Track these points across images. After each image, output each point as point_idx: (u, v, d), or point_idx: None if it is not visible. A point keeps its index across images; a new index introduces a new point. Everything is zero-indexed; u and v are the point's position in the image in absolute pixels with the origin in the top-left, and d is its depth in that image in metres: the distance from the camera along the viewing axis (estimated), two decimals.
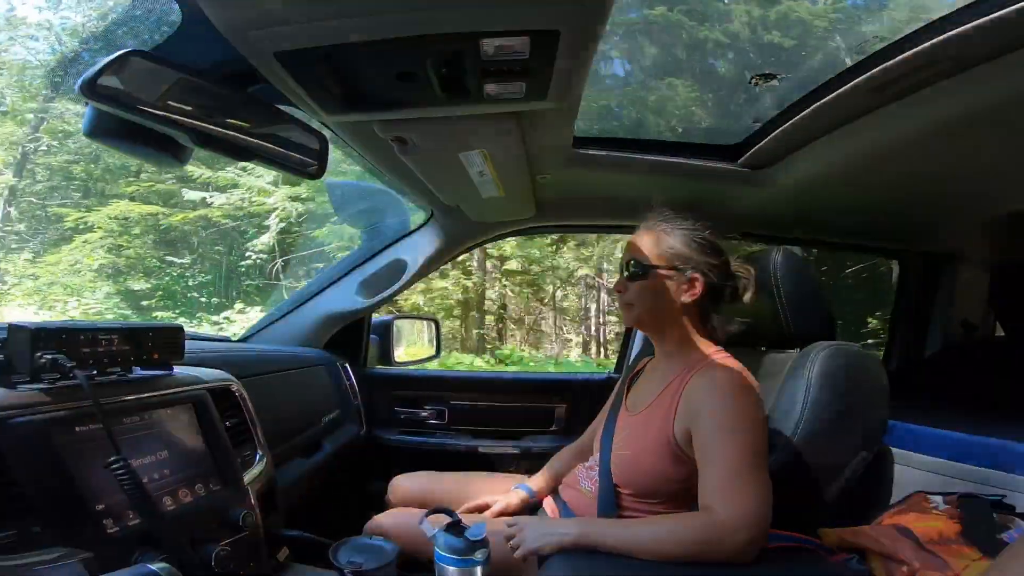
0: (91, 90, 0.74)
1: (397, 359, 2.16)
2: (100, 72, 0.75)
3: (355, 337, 2.07)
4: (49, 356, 0.68)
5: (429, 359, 2.31)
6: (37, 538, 0.63)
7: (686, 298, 1.17)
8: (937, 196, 1.63)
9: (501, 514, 1.32)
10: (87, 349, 0.75)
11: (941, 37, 0.90)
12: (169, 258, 9.82)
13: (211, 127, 0.88)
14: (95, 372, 0.79)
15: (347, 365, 1.99)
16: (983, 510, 1.08)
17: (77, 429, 0.70)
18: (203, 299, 9.89)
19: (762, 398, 1.09)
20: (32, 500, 0.64)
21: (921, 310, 2.25)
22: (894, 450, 1.44)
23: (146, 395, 0.84)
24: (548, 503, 1.35)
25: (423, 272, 1.94)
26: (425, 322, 2.41)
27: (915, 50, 0.94)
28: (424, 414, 2.07)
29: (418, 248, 1.90)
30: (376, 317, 2.15)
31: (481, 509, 1.34)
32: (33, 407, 0.68)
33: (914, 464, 1.48)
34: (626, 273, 1.21)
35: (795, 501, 1.13)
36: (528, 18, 0.78)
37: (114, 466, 0.67)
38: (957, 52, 0.92)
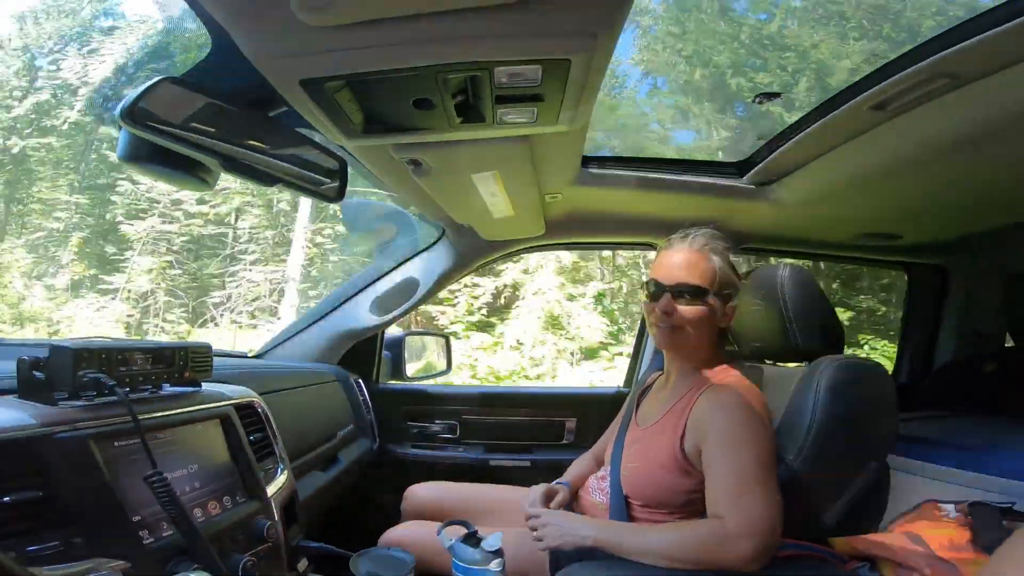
0: (130, 116, 0.77)
1: (409, 374, 2.19)
2: (138, 99, 0.78)
3: (368, 353, 2.10)
4: (91, 375, 0.72)
5: (440, 374, 2.34)
6: (78, 549, 0.66)
7: (723, 324, 1.19)
8: (941, 209, 1.64)
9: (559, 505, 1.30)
10: (124, 368, 0.79)
11: (939, 54, 0.92)
12: None
13: (238, 152, 0.92)
14: (128, 390, 0.82)
15: (360, 380, 2.02)
16: (993, 517, 1.09)
17: (116, 444, 0.74)
18: None
19: (770, 412, 1.11)
20: (74, 512, 0.67)
21: (930, 321, 2.26)
22: (905, 459, 1.45)
23: (177, 411, 0.87)
24: None
25: (435, 290, 1.97)
26: (436, 338, 2.44)
27: (913, 67, 0.96)
28: (435, 428, 2.09)
29: (430, 266, 1.94)
30: (388, 333, 2.18)
31: (551, 495, 1.32)
32: (74, 423, 0.71)
33: (925, 473, 1.49)
34: (675, 298, 1.16)
35: (805, 511, 1.14)
36: (541, 48, 0.81)
37: (152, 480, 0.70)
38: (956, 69, 0.94)
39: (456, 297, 10.34)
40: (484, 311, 10.58)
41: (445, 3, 0.72)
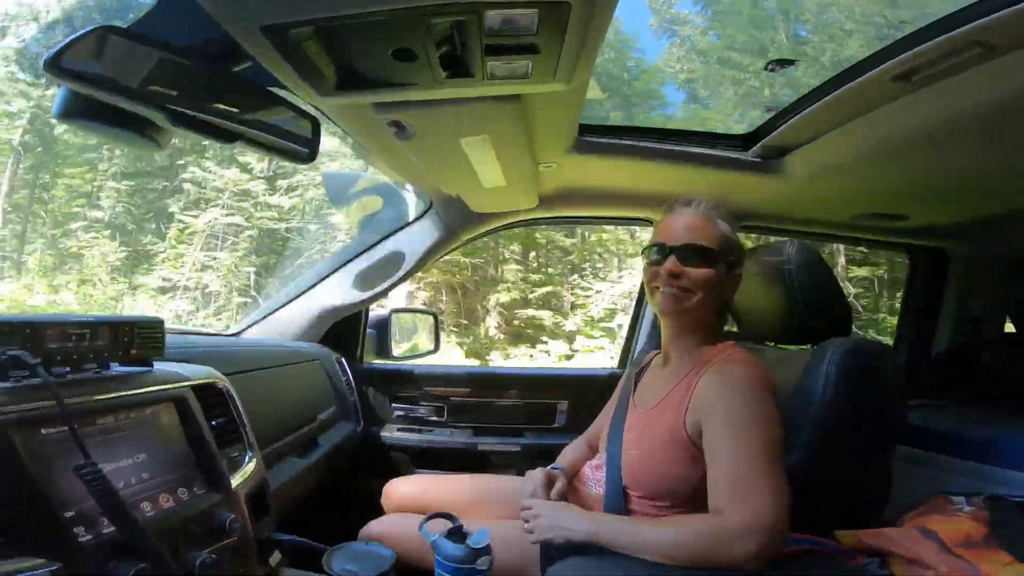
0: (56, 68, 0.69)
1: (395, 354, 2.10)
2: (65, 49, 0.70)
3: (352, 331, 2.02)
4: (11, 353, 0.62)
5: (428, 353, 2.26)
6: (2, 548, 0.58)
7: (728, 294, 1.15)
8: (950, 192, 1.58)
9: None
10: (55, 344, 0.70)
11: (974, 23, 0.85)
12: None
13: (191, 108, 0.82)
14: (67, 369, 0.73)
15: (343, 360, 1.93)
16: (1012, 512, 1.04)
17: (43, 431, 0.65)
18: None
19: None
20: None
21: (930, 306, 2.21)
22: (909, 448, 1.40)
23: (123, 394, 0.78)
24: None
25: (421, 264, 1.88)
26: (424, 316, 2.36)
27: (944, 36, 0.89)
28: (423, 410, 2.02)
29: (416, 240, 1.85)
30: (373, 311, 2.09)
31: (551, 482, 1.24)
32: None
33: (930, 464, 1.45)
34: (681, 258, 1.10)
35: (811, 502, 1.08)
36: None
37: (83, 471, 0.61)
38: (987, 38, 0.87)
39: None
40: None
41: None
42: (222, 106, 0.87)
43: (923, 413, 1.66)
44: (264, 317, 1.87)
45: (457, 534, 1.02)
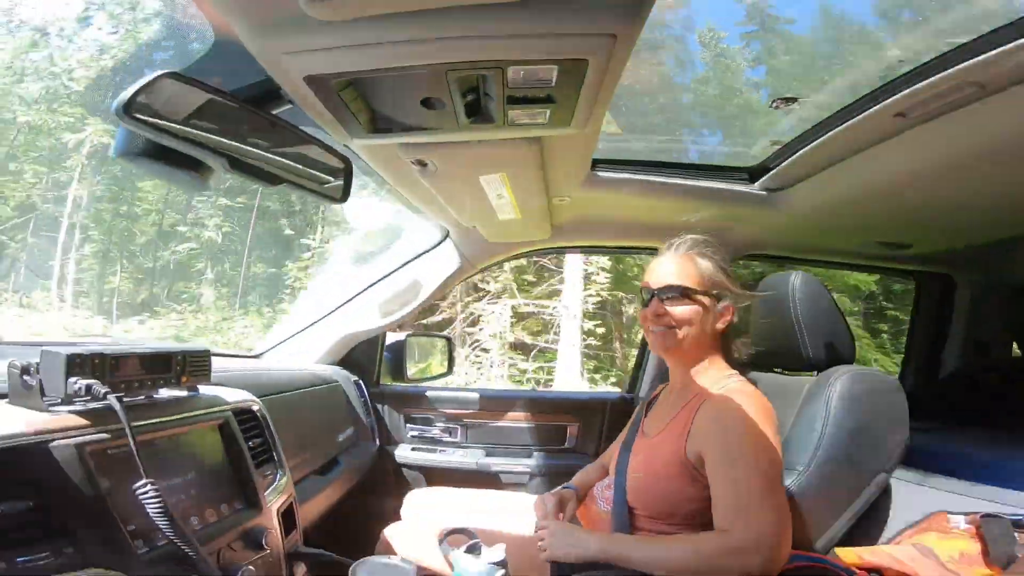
0: (127, 112, 0.74)
1: (410, 376, 2.16)
2: (136, 94, 0.75)
3: (369, 354, 2.08)
4: (84, 382, 0.69)
5: (441, 376, 2.32)
6: (70, 559, 0.64)
7: (720, 325, 1.18)
8: (954, 219, 1.62)
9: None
10: (118, 373, 0.77)
11: (967, 63, 0.90)
12: None
13: (241, 152, 0.89)
14: (123, 395, 0.80)
15: (361, 382, 1.99)
16: (1005, 530, 1.07)
17: (108, 452, 0.71)
18: None
19: (779, 421, 1.09)
20: (65, 522, 0.65)
21: (937, 330, 2.24)
22: (912, 470, 1.43)
23: (174, 417, 0.85)
24: None
25: (438, 292, 1.95)
26: (438, 340, 2.42)
27: (938, 76, 0.94)
28: (436, 431, 2.07)
29: (433, 268, 1.92)
30: (390, 335, 2.16)
31: (563, 504, 1.32)
32: (67, 431, 0.68)
33: (932, 485, 1.47)
34: (663, 299, 1.17)
35: (813, 522, 1.12)
36: (557, 48, 0.79)
37: (141, 490, 0.67)
38: (982, 78, 0.92)
39: None
40: None
41: None
42: (267, 148, 0.94)
43: (928, 436, 1.68)
44: (287, 339, 1.93)
45: (475, 549, 1.06)
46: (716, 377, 1.17)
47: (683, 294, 1.16)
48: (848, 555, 1.11)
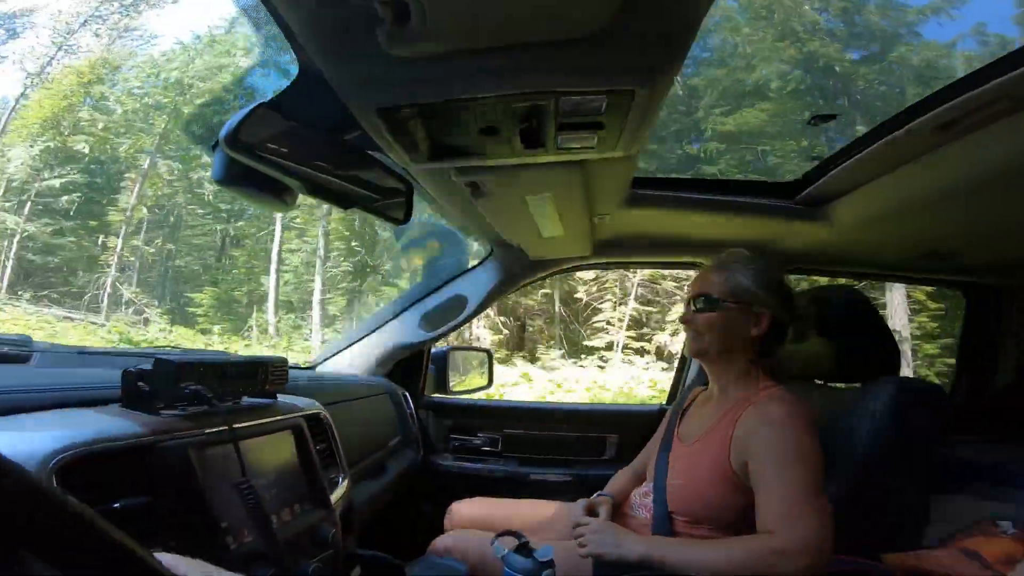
0: (232, 141, 0.82)
1: (452, 388, 2.23)
2: (239, 124, 0.82)
3: (415, 366, 2.15)
4: (192, 388, 0.77)
5: (482, 388, 2.37)
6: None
7: (753, 332, 1.21)
8: (1002, 230, 1.60)
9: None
10: (216, 381, 0.85)
11: (1008, 75, 0.91)
12: None
13: (318, 176, 0.98)
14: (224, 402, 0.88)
15: (407, 394, 2.07)
16: None
17: (208, 452, 0.79)
18: None
19: (822, 430, 1.11)
20: (172, 518, 0.72)
21: (990, 342, 2.18)
22: (961, 481, 1.41)
23: (259, 422, 0.92)
24: None
25: (483, 307, 2.01)
26: (479, 354, 2.49)
27: (980, 89, 0.95)
28: (478, 441, 2.12)
29: (478, 283, 1.98)
30: (434, 348, 2.23)
31: (593, 510, 1.35)
32: (175, 432, 0.76)
33: (981, 494, 1.44)
34: (695, 307, 1.26)
35: (858, 528, 1.13)
36: (607, 80, 0.84)
37: (243, 487, 0.75)
38: (1021, 92, 0.93)
39: None
40: None
41: (520, 36, 0.75)
42: (338, 172, 1.02)
43: (976, 447, 1.65)
44: (339, 351, 2.03)
45: (524, 549, 1.11)
46: (756, 387, 1.19)
47: (708, 303, 1.23)
48: (893, 560, 1.12)
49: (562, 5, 0.69)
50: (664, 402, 2.22)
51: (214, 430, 0.79)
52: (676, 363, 2.31)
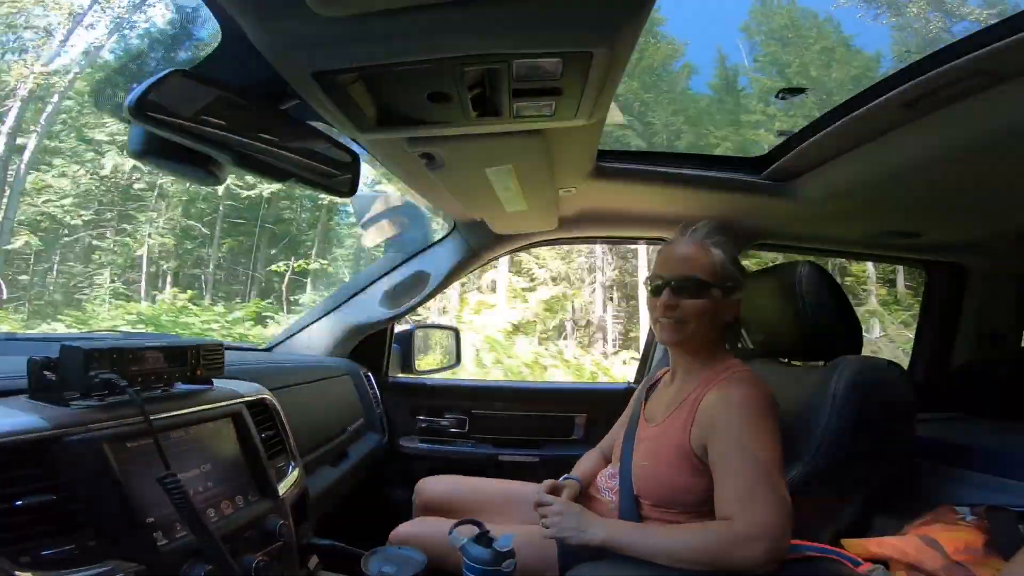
0: (139, 110, 0.75)
1: (418, 368, 2.18)
2: (146, 91, 0.76)
3: (378, 346, 2.10)
4: (103, 375, 0.71)
5: (449, 367, 2.33)
6: (93, 552, 0.65)
7: (728, 317, 1.18)
8: (963, 208, 1.61)
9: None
10: (135, 367, 0.78)
11: (974, 53, 0.90)
12: None
13: (249, 147, 0.90)
14: (140, 389, 0.81)
15: (370, 374, 2.01)
16: (1009, 521, 1.08)
17: (128, 445, 0.73)
18: None
19: (784, 410, 1.10)
20: (88, 515, 0.66)
21: (948, 321, 2.23)
22: (921, 461, 1.43)
23: (189, 410, 0.86)
24: None
25: (446, 283, 1.96)
26: (446, 331, 2.44)
27: (948, 65, 0.94)
28: (445, 423, 2.09)
29: (440, 260, 1.93)
30: (398, 327, 2.17)
31: (556, 490, 1.32)
32: (87, 424, 0.70)
33: (941, 475, 1.47)
34: (676, 291, 1.15)
35: (820, 513, 1.13)
36: (562, 40, 0.79)
37: (166, 481, 0.69)
38: (990, 67, 0.92)
39: None
40: None
41: None
42: (275, 143, 0.95)
43: (938, 426, 1.68)
44: (297, 332, 1.95)
45: (483, 539, 1.08)
46: (719, 367, 1.17)
47: (698, 287, 1.14)
48: (855, 546, 1.12)
49: None
50: (631, 381, 2.21)
51: (131, 421, 0.73)
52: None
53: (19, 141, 10.81)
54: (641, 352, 2.24)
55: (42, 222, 11.52)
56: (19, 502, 0.61)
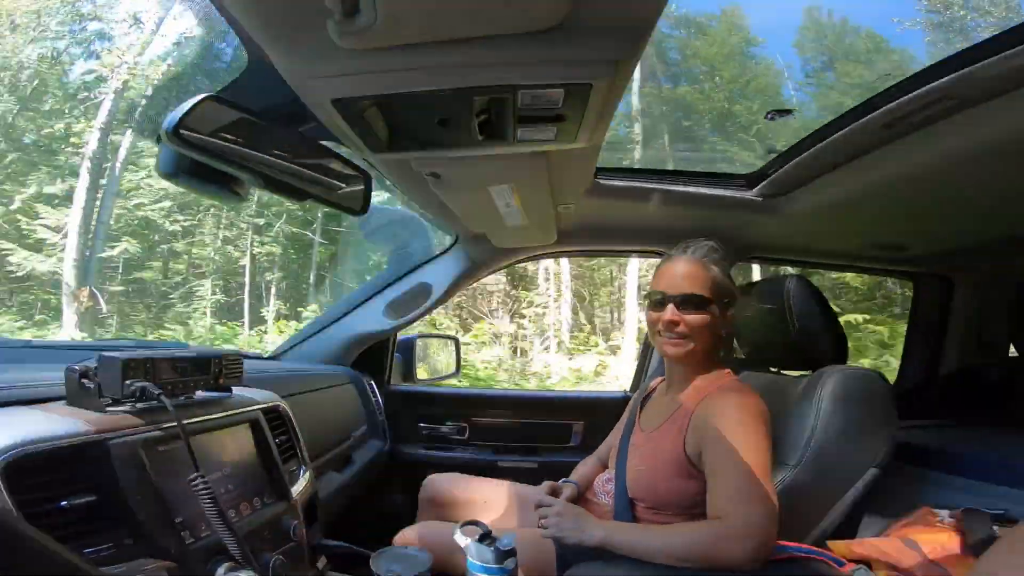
0: (176, 136, 0.79)
1: (419, 376, 2.23)
2: (184, 117, 0.79)
3: (381, 355, 2.14)
4: (139, 384, 0.76)
5: (450, 376, 2.38)
6: (129, 549, 0.70)
7: (723, 330, 1.24)
8: (947, 221, 1.67)
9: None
10: (166, 375, 0.83)
11: (948, 77, 0.95)
12: None
13: (271, 168, 0.95)
14: (170, 396, 0.86)
15: (372, 382, 2.06)
16: (984, 523, 1.13)
17: (159, 448, 0.78)
18: None
19: (773, 418, 1.16)
20: (125, 514, 0.71)
21: (935, 330, 2.29)
22: (905, 466, 1.49)
23: (214, 416, 0.91)
24: None
25: (447, 295, 2.01)
26: (446, 341, 2.49)
27: (924, 88, 0.99)
28: (445, 430, 2.13)
29: (442, 272, 1.98)
30: (400, 336, 2.22)
31: (555, 492, 1.38)
32: (123, 429, 0.75)
33: (924, 480, 1.52)
34: (679, 307, 1.20)
35: (806, 515, 1.19)
36: (564, 73, 0.84)
37: (195, 482, 0.74)
38: (964, 90, 0.97)
39: None
40: None
41: (476, 29, 0.74)
42: (294, 163, 1.00)
43: (921, 432, 1.74)
44: (302, 341, 2.00)
45: (487, 538, 1.13)
46: (712, 377, 1.23)
47: (699, 304, 1.19)
48: (839, 547, 1.17)
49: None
50: (628, 390, 2.27)
51: (164, 426, 0.78)
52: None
53: (113, 138, 10.37)
54: (637, 361, 2.29)
55: (138, 227, 11.10)
56: (64, 503, 0.66)
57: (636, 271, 10.68)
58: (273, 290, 12.24)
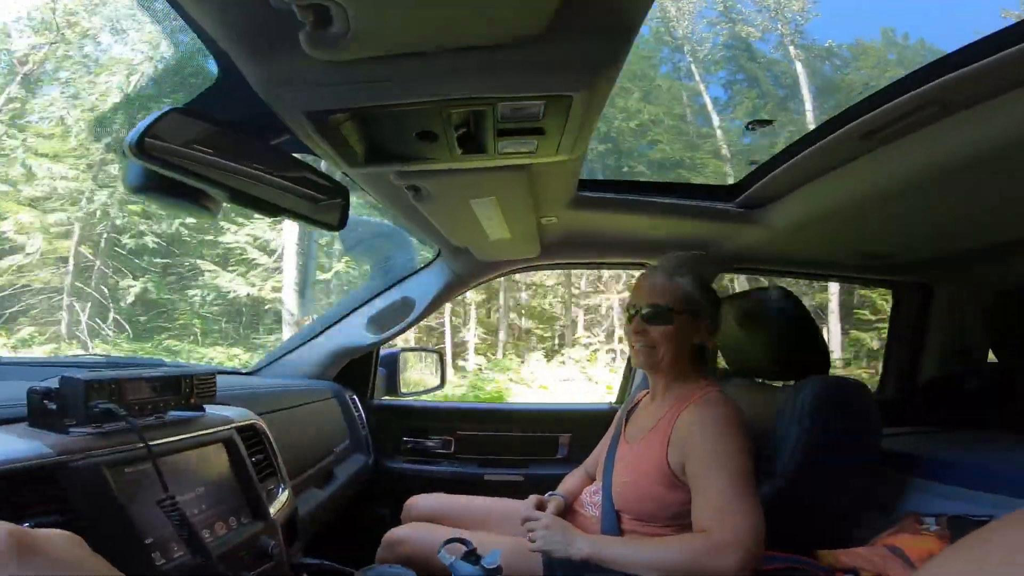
0: (139, 148, 0.77)
1: (403, 390, 2.20)
2: (146, 130, 0.77)
3: (364, 369, 2.12)
4: (103, 406, 0.73)
5: (434, 390, 2.36)
6: None
7: (697, 340, 1.25)
8: (928, 230, 1.69)
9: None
10: (133, 396, 0.81)
11: (929, 84, 0.95)
12: None
13: (243, 182, 0.93)
14: (138, 417, 0.83)
15: (355, 397, 2.03)
16: (969, 530, 1.13)
17: (126, 470, 0.75)
18: None
19: (756, 428, 1.16)
20: (90, 537, 0.68)
21: (915, 338, 2.31)
22: (890, 473, 1.49)
23: (183, 436, 0.89)
24: None
25: (430, 309, 1.99)
26: (430, 354, 2.47)
27: (902, 98, 0.99)
28: (431, 443, 2.11)
29: (425, 286, 1.96)
30: (384, 350, 2.20)
31: (542, 505, 1.37)
32: (87, 451, 0.72)
33: (909, 487, 1.53)
34: (645, 318, 1.24)
35: (793, 525, 1.18)
36: (544, 84, 0.84)
37: (165, 503, 0.72)
38: (945, 97, 0.97)
39: None
40: None
41: (452, 40, 0.74)
42: (267, 177, 0.98)
43: (908, 439, 1.75)
44: (282, 356, 1.97)
45: (471, 556, 1.11)
46: (692, 388, 1.24)
47: (663, 314, 1.23)
48: (826, 557, 1.17)
49: (495, 7, 0.68)
50: (614, 402, 2.26)
51: (130, 447, 0.75)
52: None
53: None
54: (623, 374, 2.29)
55: None
56: (26, 524, 0.63)
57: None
58: None
